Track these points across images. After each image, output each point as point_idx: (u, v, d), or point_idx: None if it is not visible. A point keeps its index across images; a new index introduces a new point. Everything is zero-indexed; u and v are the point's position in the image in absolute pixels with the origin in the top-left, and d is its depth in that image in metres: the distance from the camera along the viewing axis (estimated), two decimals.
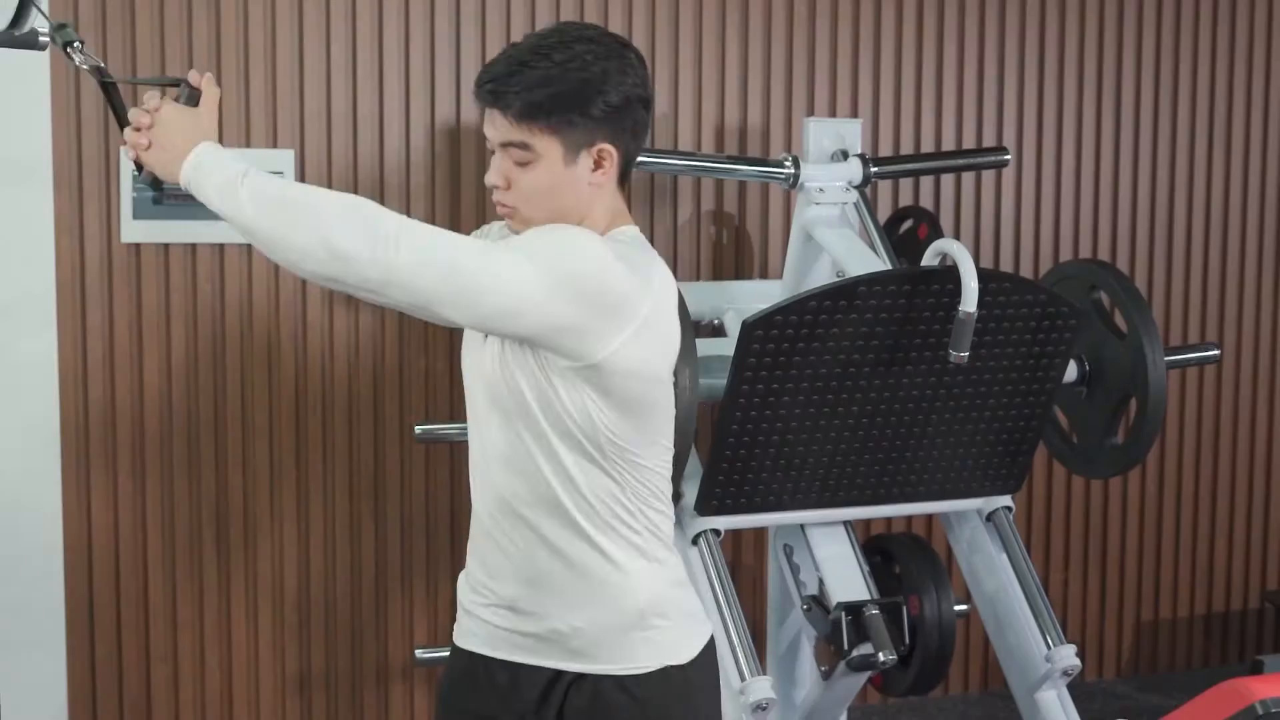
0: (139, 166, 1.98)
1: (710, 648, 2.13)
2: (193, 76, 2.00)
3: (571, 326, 1.87)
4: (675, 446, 2.14)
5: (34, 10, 2.20)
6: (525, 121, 1.91)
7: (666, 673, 2.05)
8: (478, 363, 2.03)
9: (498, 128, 1.94)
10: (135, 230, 3.62)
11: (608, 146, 1.96)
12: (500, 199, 1.98)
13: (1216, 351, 3.70)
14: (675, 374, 2.09)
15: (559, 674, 2.05)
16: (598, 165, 1.97)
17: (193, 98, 1.99)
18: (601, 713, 2.03)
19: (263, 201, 1.86)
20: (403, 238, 1.82)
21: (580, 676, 2.04)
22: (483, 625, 2.11)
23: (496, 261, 1.85)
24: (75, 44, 2.05)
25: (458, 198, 3.87)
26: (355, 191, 3.74)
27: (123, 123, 2.02)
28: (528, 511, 2.01)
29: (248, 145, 3.68)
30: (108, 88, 2.06)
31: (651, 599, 2.04)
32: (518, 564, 2.04)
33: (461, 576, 2.18)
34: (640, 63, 2.00)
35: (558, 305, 1.85)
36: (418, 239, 1.83)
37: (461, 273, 1.83)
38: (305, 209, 1.84)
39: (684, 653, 2.07)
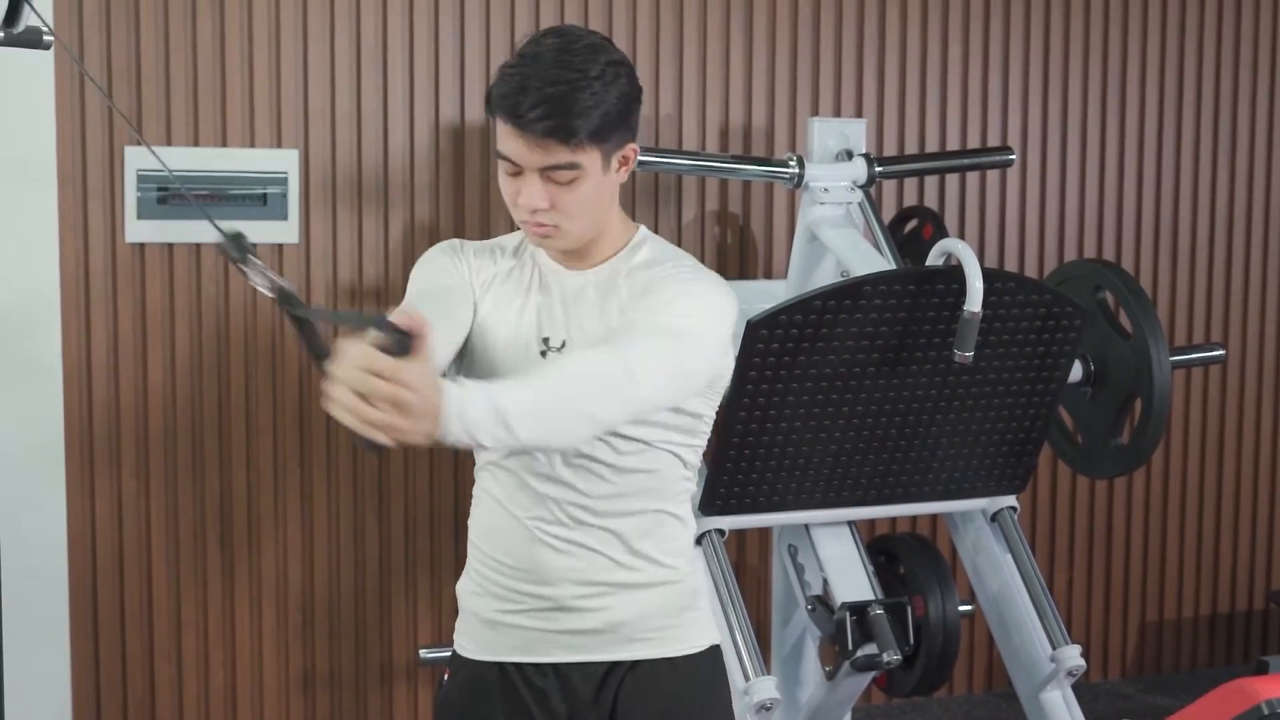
0: (375, 445, 1.65)
1: None
2: (398, 318, 1.60)
3: (730, 361, 2.09)
4: None
5: (28, 9, 2.20)
6: (572, 144, 1.91)
7: (713, 651, 2.14)
8: None
9: (547, 153, 1.91)
10: (139, 230, 3.62)
11: (634, 146, 2.02)
12: (541, 219, 1.97)
13: (1221, 351, 3.69)
14: None
15: (613, 666, 2.07)
16: (623, 165, 2.01)
17: (403, 345, 1.58)
18: (655, 695, 2.06)
19: (530, 422, 1.73)
20: (637, 374, 1.84)
21: (634, 664, 2.07)
22: (516, 633, 2.08)
23: (701, 345, 1.95)
24: (251, 258, 1.69)
25: (462, 197, 3.87)
26: (359, 191, 3.76)
27: (319, 359, 1.64)
28: (615, 510, 2.04)
29: (252, 145, 3.69)
30: (300, 321, 1.67)
31: (697, 578, 2.15)
32: (580, 564, 2.04)
33: (469, 589, 2.15)
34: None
35: (727, 353, 2.05)
36: (645, 369, 1.85)
37: (685, 375, 1.93)
38: (561, 406, 1.79)
39: (715, 632, 2.17)
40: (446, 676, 2.18)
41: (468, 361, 2.06)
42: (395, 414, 1.57)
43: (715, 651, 2.14)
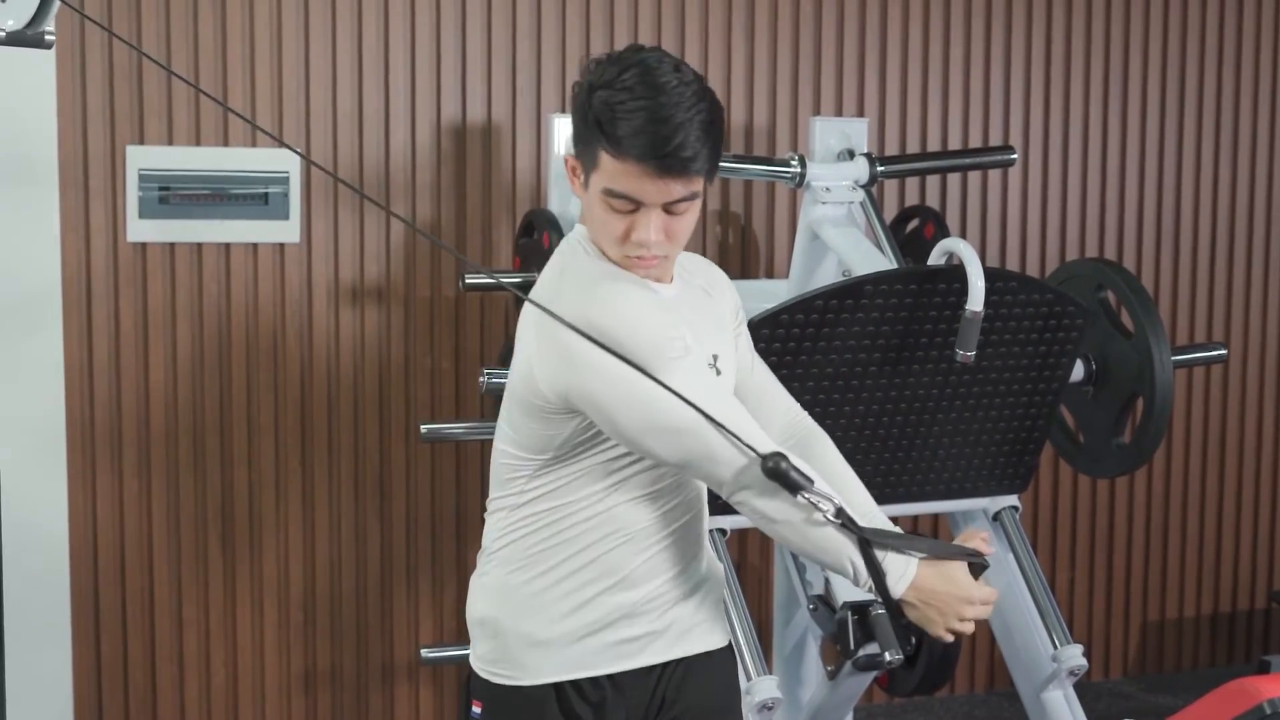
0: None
1: None
2: (985, 547, 2.02)
3: None
4: None
5: (52, 10, 2.20)
6: (699, 176, 1.92)
7: (731, 645, 2.22)
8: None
9: (678, 187, 1.91)
10: (141, 229, 3.62)
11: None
12: (655, 252, 1.95)
13: (1223, 351, 3.69)
14: None
15: (665, 667, 2.10)
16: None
17: (983, 569, 1.99)
18: (699, 682, 2.12)
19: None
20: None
21: (678, 662, 2.11)
22: (577, 650, 2.04)
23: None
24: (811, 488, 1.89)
25: (463, 196, 3.87)
26: (362, 190, 3.76)
27: (878, 579, 1.94)
28: (692, 513, 2.10)
29: (254, 145, 3.69)
30: (862, 540, 1.94)
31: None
32: (655, 566, 2.05)
33: (515, 615, 2.06)
34: None
35: None
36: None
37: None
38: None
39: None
40: (478, 709, 2.09)
41: None
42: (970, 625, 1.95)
43: (732, 646, 2.25)
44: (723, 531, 3.11)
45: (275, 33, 3.69)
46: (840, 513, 1.88)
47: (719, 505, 3.03)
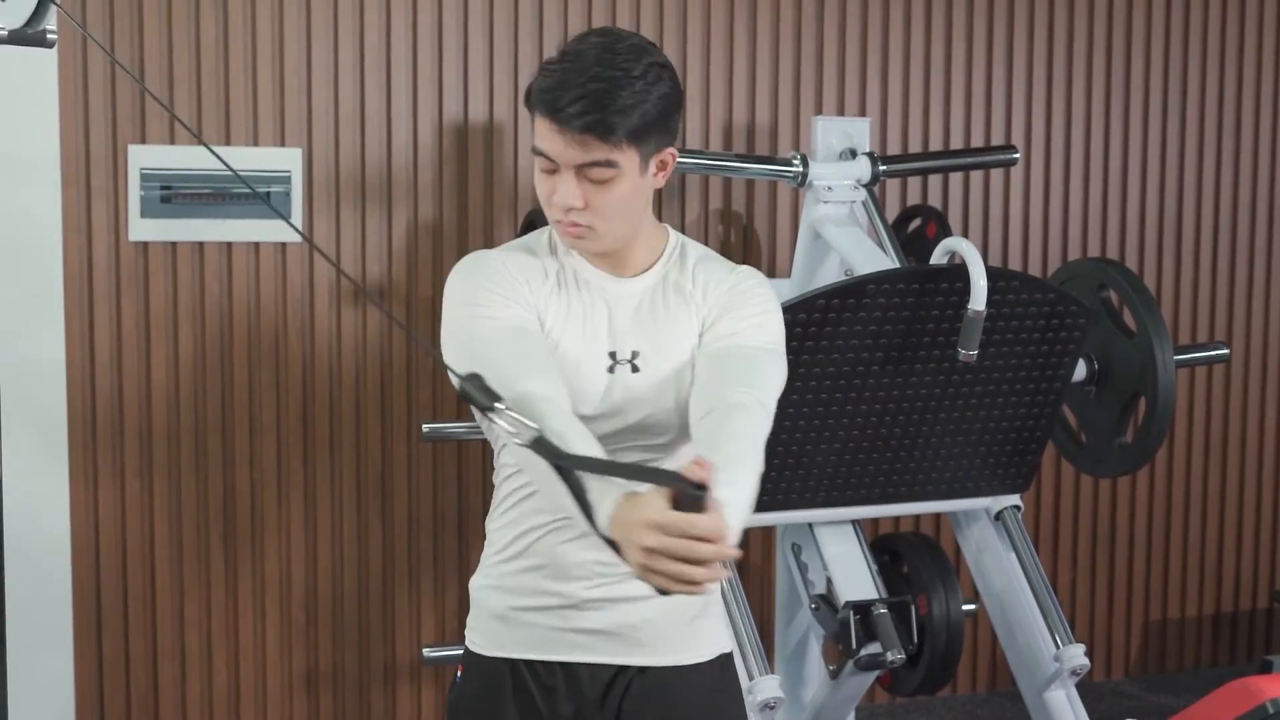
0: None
1: None
2: (697, 473, 1.59)
3: None
4: None
5: (51, 8, 2.20)
6: (611, 142, 1.90)
7: (722, 660, 2.11)
8: (638, 389, 2.00)
9: (585, 150, 1.90)
10: (143, 229, 3.62)
11: (673, 150, 2.00)
12: (575, 219, 1.95)
13: (1226, 350, 3.69)
14: None
15: (622, 669, 2.06)
16: (660, 169, 2.00)
17: (700, 500, 1.58)
18: (664, 703, 2.05)
19: (747, 514, 1.76)
20: (769, 407, 1.91)
21: (642, 670, 2.05)
22: (529, 630, 2.06)
23: (783, 356, 2.00)
24: (497, 404, 1.67)
25: (465, 196, 3.87)
26: (363, 190, 3.76)
27: (587, 514, 1.69)
28: None
29: (255, 144, 3.69)
30: (564, 471, 1.67)
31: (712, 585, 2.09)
32: (612, 561, 2.03)
33: (485, 585, 2.12)
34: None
35: None
36: (773, 394, 1.93)
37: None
38: (757, 478, 1.82)
39: (727, 640, 2.14)
40: (459, 673, 2.16)
41: None
42: (698, 569, 1.60)
43: (726, 660, 2.12)
44: None
45: (277, 32, 3.69)
46: (540, 440, 1.68)
47: None
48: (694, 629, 2.07)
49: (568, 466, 1.66)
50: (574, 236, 1.97)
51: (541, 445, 1.66)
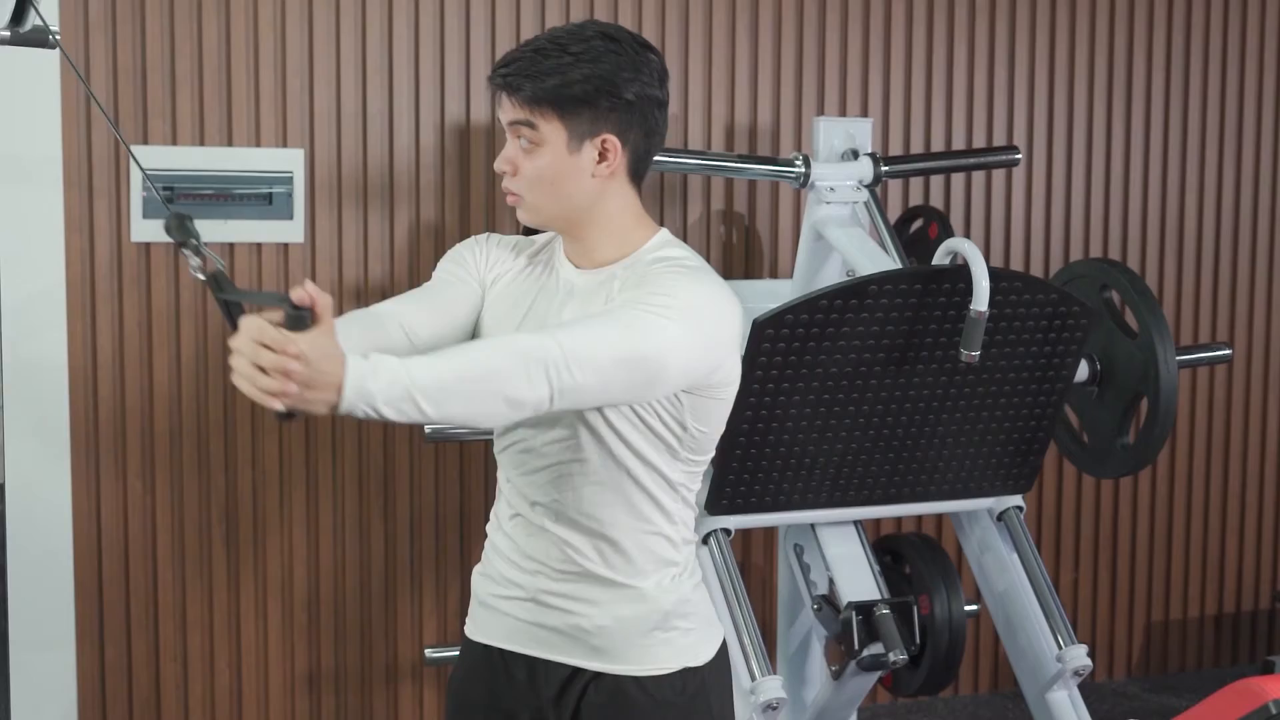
0: (288, 412, 1.69)
1: (724, 649, 2.16)
2: (296, 295, 1.68)
3: (712, 369, 1.95)
4: None
5: (34, 8, 2.20)
6: (532, 105, 1.96)
7: (685, 674, 2.07)
8: None
9: (509, 110, 1.99)
10: (145, 229, 3.62)
11: (612, 139, 1.99)
12: (508, 185, 2.03)
13: (1228, 351, 3.68)
14: None
15: (577, 671, 2.06)
16: (602, 157, 1.99)
17: (302, 320, 1.66)
18: (619, 712, 2.04)
19: (438, 399, 1.74)
20: (570, 359, 1.79)
21: (599, 675, 2.05)
22: (502, 619, 2.11)
23: (654, 340, 1.86)
24: (194, 243, 1.78)
25: (467, 197, 3.87)
26: (364, 190, 3.76)
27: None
28: (589, 511, 2.02)
29: (258, 144, 3.69)
30: (227, 305, 1.76)
31: (677, 601, 2.07)
32: (554, 557, 2.05)
33: (477, 570, 2.19)
34: (657, 65, 2.02)
35: (706, 359, 1.93)
36: (583, 352, 1.81)
37: (630, 365, 1.85)
38: (475, 383, 1.77)
39: (702, 654, 2.09)
40: (457, 653, 2.24)
41: None
42: (286, 383, 1.64)
43: (691, 675, 2.07)
44: (727, 531, 3.12)
45: (280, 33, 3.69)
46: (214, 275, 1.75)
47: (721, 505, 3.06)
48: (651, 640, 2.05)
49: (227, 300, 1.75)
50: (511, 203, 2.05)
51: (214, 279, 1.77)
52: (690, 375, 1.93)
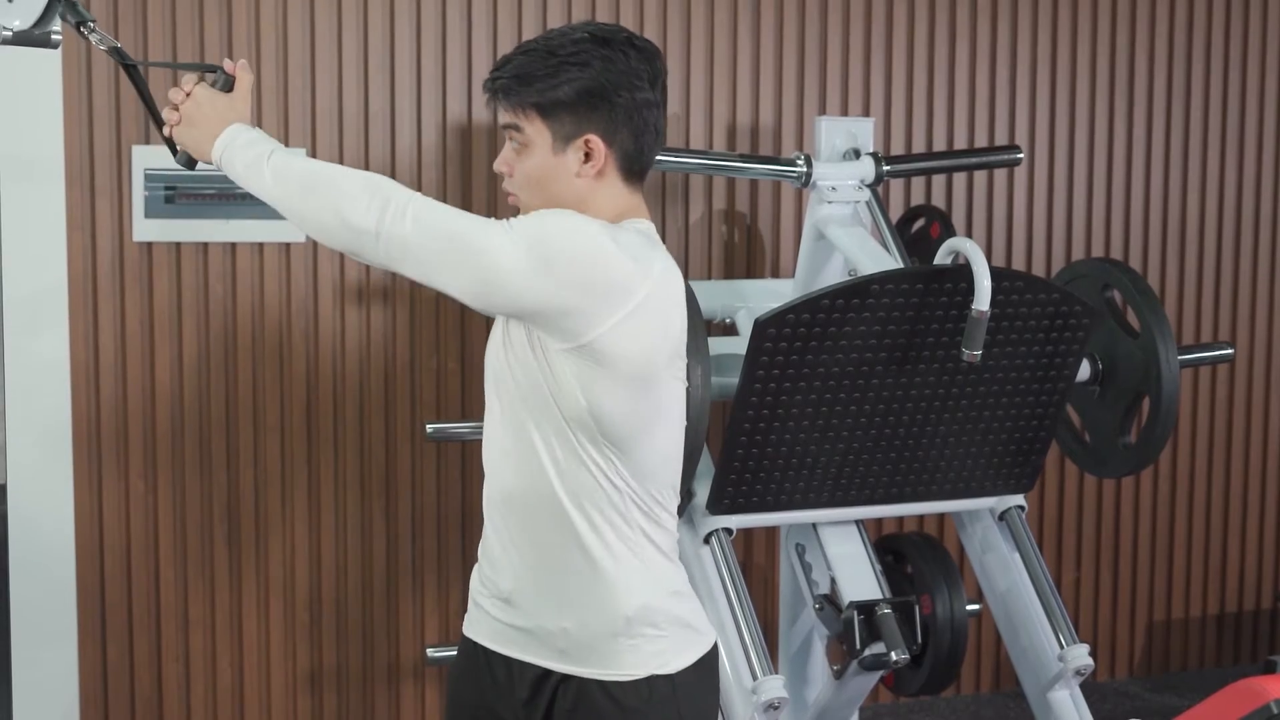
0: (173, 146, 2.11)
1: (707, 660, 2.11)
2: (227, 64, 2.12)
3: (559, 306, 1.90)
4: (687, 445, 2.16)
5: (60, 10, 2.22)
6: (517, 109, 2.01)
7: (652, 682, 2.04)
8: (489, 352, 2.10)
9: (500, 113, 2.04)
10: (147, 229, 3.63)
11: (596, 140, 2.00)
12: (506, 186, 2.08)
13: (1230, 350, 3.68)
14: (687, 374, 2.09)
15: (547, 673, 2.07)
16: (587, 158, 2.01)
17: (228, 84, 2.10)
18: (585, 716, 2.04)
19: (286, 179, 1.97)
20: (410, 210, 1.91)
21: (566, 677, 2.05)
22: (486, 617, 2.14)
23: (492, 235, 1.92)
24: (88, 24, 2.18)
25: (469, 196, 3.87)
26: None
27: (149, 105, 2.23)
28: (523, 506, 2.04)
29: None
30: (131, 71, 2.18)
31: (641, 608, 2.03)
32: (513, 558, 2.07)
33: (475, 567, 2.21)
34: (647, 65, 2.02)
35: (543, 282, 1.89)
36: (423, 212, 1.92)
37: (458, 242, 1.91)
38: (323, 185, 1.94)
39: (674, 663, 2.06)
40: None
41: None
42: (173, 113, 2.09)
43: (657, 682, 2.04)
44: (728, 531, 3.12)
45: (281, 32, 3.69)
46: (117, 48, 2.20)
47: (723, 505, 3.06)
48: (617, 646, 2.03)
49: (131, 65, 2.22)
50: (511, 203, 2.09)
51: (118, 52, 2.20)
52: (536, 302, 1.90)
